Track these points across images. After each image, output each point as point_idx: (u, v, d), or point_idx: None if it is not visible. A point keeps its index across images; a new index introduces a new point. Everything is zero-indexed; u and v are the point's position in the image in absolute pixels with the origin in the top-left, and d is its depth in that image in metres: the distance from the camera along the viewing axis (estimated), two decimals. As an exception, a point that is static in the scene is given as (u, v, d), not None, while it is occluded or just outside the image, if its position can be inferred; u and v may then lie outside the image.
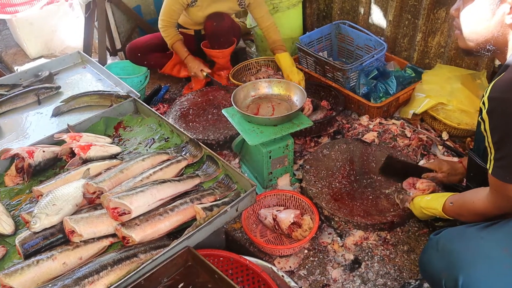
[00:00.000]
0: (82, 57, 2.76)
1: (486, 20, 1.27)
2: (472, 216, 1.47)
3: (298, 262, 1.81)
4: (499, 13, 1.24)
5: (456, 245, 1.30)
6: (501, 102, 1.17)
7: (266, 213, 1.92)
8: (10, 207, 1.68)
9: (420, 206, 1.74)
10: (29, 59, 3.90)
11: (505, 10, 1.22)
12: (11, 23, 3.91)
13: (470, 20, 1.32)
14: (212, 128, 2.45)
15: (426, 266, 1.40)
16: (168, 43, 2.81)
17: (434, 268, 1.35)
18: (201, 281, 1.39)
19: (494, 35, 1.29)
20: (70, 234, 1.42)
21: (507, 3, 1.22)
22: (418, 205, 1.76)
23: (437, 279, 1.33)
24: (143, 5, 3.48)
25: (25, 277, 1.31)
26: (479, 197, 1.42)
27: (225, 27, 2.73)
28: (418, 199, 1.78)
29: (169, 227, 1.48)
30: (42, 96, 2.35)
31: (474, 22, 1.31)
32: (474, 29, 1.32)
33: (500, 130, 1.20)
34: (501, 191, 1.28)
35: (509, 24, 1.24)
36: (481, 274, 1.19)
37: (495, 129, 1.21)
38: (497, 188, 1.30)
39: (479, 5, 1.27)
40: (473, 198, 1.45)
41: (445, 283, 1.28)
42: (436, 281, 1.34)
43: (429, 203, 1.69)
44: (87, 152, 1.80)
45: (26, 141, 2.08)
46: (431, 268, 1.37)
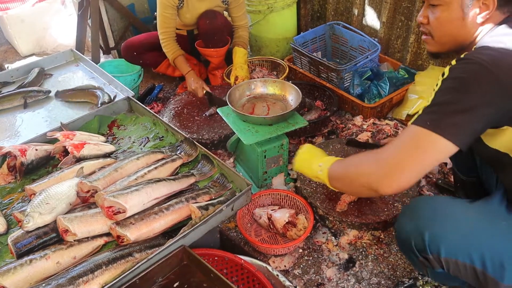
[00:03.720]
0: (75, 55, 2.74)
1: (459, 21, 1.30)
2: (357, 186, 1.30)
3: (293, 261, 1.81)
4: (471, 13, 1.27)
5: (422, 208, 1.31)
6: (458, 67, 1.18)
7: (261, 212, 1.92)
8: (2, 206, 1.66)
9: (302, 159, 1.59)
10: (20, 57, 3.87)
11: (476, 10, 1.27)
12: (1, 20, 3.86)
13: (443, 24, 1.34)
14: (207, 128, 2.44)
15: (400, 235, 1.40)
16: (170, 58, 2.79)
17: (405, 234, 1.35)
18: (197, 280, 1.38)
19: (465, 35, 1.32)
20: (64, 233, 1.41)
21: (476, 1, 1.25)
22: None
23: (408, 244, 1.34)
24: (136, 3, 3.46)
25: (18, 276, 1.29)
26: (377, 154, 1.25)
27: (218, 25, 2.72)
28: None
29: (164, 226, 1.47)
30: (30, 99, 2.30)
31: (447, 25, 1.33)
32: (447, 32, 1.35)
33: (445, 87, 1.18)
34: (413, 145, 1.16)
35: (480, 23, 1.28)
36: (445, 229, 1.23)
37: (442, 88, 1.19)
38: (415, 142, 1.16)
39: (451, 9, 1.30)
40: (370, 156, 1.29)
41: (414, 244, 1.30)
42: (408, 247, 1.35)
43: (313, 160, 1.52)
44: (81, 150, 1.78)
45: (18, 139, 2.05)
46: (403, 235, 1.37)
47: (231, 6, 2.80)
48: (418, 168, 1.18)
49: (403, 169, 1.17)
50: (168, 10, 2.67)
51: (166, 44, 2.75)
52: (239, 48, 2.82)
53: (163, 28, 2.72)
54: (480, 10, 1.26)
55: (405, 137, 1.21)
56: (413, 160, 1.16)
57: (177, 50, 2.77)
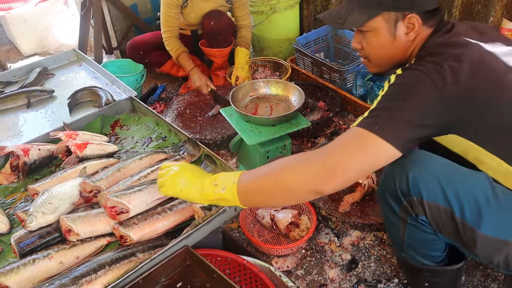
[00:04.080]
0: (78, 55, 2.74)
1: (390, 44, 1.34)
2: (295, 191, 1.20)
3: (296, 262, 1.81)
4: (399, 34, 1.31)
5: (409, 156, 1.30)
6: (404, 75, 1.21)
7: (264, 213, 1.92)
8: (4, 205, 1.66)
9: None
10: (23, 57, 3.87)
11: (404, 30, 1.30)
12: (4, 20, 3.87)
13: (375, 48, 1.37)
14: (209, 128, 2.44)
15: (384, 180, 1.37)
16: (173, 56, 2.80)
17: (390, 177, 1.34)
18: (200, 280, 1.38)
19: (400, 54, 1.36)
20: (67, 233, 1.41)
21: (401, 22, 1.29)
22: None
23: (393, 187, 1.32)
24: (139, 3, 3.47)
25: (21, 276, 1.29)
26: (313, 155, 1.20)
27: (223, 25, 2.72)
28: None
29: (167, 226, 1.47)
30: (34, 99, 2.30)
31: (380, 49, 1.37)
32: (381, 55, 1.38)
33: (391, 92, 1.20)
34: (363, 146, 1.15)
35: (411, 40, 1.32)
36: (428, 171, 1.27)
37: (388, 93, 1.20)
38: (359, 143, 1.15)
39: (379, 34, 1.33)
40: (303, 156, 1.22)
41: (399, 186, 1.30)
42: (390, 188, 1.34)
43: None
44: (84, 150, 1.78)
45: (21, 139, 2.05)
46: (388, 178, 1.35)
47: (235, 5, 2.81)
48: (362, 169, 1.18)
49: (348, 170, 1.16)
50: (172, 9, 2.67)
51: (169, 42, 2.75)
52: (241, 48, 2.82)
53: (166, 27, 2.73)
54: (407, 29, 1.29)
55: (349, 138, 1.19)
56: (358, 161, 1.16)
57: (180, 47, 2.77)
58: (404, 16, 1.28)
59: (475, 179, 1.27)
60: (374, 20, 1.30)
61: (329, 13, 1.41)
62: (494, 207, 1.22)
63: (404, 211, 1.34)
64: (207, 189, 1.29)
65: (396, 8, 1.27)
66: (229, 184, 1.26)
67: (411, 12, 1.27)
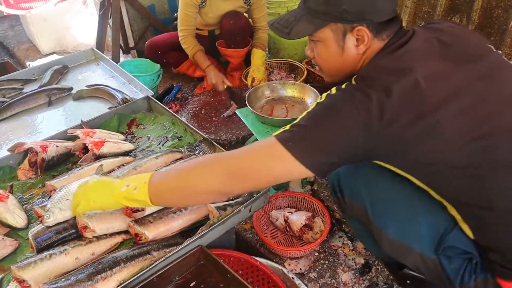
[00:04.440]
0: (96, 54, 2.77)
1: (339, 56, 1.27)
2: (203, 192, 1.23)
3: (309, 264, 1.80)
4: (348, 46, 1.24)
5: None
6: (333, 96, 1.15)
7: (278, 214, 1.92)
8: (22, 200, 1.68)
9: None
10: (41, 55, 3.92)
11: (353, 43, 1.23)
12: (24, 19, 3.94)
13: (325, 59, 1.31)
14: (224, 128, 2.45)
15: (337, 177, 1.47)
16: (189, 54, 2.82)
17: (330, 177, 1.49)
18: (213, 280, 1.38)
19: (351, 67, 1.29)
20: (83, 230, 1.42)
21: (350, 34, 1.22)
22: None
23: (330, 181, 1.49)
24: (157, 4, 3.49)
25: (38, 270, 1.30)
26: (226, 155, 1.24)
27: (242, 26, 2.74)
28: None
29: (182, 225, 1.48)
30: (54, 97, 2.34)
31: (329, 60, 1.30)
32: (331, 66, 1.33)
33: (315, 112, 1.15)
34: (272, 157, 1.14)
35: (362, 53, 1.24)
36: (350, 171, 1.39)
37: (313, 111, 1.16)
38: (272, 156, 1.14)
39: (328, 45, 1.26)
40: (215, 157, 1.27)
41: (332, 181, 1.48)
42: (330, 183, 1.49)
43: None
44: (101, 148, 1.80)
45: (39, 136, 2.08)
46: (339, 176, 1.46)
47: (253, 7, 2.82)
48: (270, 179, 1.20)
49: (255, 178, 1.18)
50: (190, 9, 2.69)
51: (185, 40, 2.78)
52: (258, 50, 2.82)
53: (184, 25, 2.75)
54: (357, 41, 1.22)
55: (263, 147, 1.19)
56: (266, 171, 1.17)
57: (196, 45, 2.80)
58: (352, 28, 1.20)
59: (391, 183, 1.29)
60: (321, 30, 1.23)
61: (278, 20, 1.32)
62: (399, 207, 1.28)
63: (339, 205, 1.49)
64: (119, 190, 1.29)
65: (343, 19, 1.19)
66: (140, 184, 1.27)
67: (360, 24, 1.19)
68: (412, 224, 1.27)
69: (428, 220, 1.26)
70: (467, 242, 1.22)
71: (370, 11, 1.17)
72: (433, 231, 1.25)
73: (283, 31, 1.28)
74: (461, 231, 1.23)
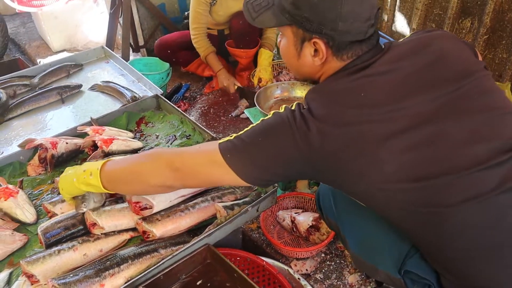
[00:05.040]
0: (106, 52, 2.79)
1: (295, 59, 1.22)
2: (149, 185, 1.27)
3: (315, 265, 1.80)
4: (305, 53, 1.18)
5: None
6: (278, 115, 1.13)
7: (285, 215, 1.92)
8: (32, 196, 1.70)
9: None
10: (52, 52, 3.95)
11: (310, 52, 1.16)
12: (36, 16, 3.97)
13: (283, 55, 1.27)
14: (233, 128, 2.46)
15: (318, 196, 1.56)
16: (201, 55, 2.83)
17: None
18: (219, 279, 1.38)
19: (307, 73, 1.25)
20: (92, 227, 1.43)
21: (308, 43, 1.16)
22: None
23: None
24: (167, 3, 3.51)
25: (47, 266, 1.32)
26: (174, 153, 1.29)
27: (251, 26, 2.73)
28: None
29: (189, 224, 1.49)
30: (65, 94, 2.36)
31: (286, 58, 1.26)
32: (289, 64, 1.28)
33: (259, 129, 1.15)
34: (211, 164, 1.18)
35: (319, 66, 1.18)
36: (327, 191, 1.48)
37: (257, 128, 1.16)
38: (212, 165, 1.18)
39: (288, 43, 1.21)
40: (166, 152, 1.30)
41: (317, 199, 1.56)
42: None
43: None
44: (110, 145, 1.81)
45: (49, 132, 2.10)
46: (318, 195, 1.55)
47: None
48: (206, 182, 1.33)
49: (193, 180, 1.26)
50: (201, 6, 2.71)
51: (197, 40, 2.79)
52: (265, 50, 2.83)
53: (195, 23, 2.76)
54: (314, 53, 1.16)
55: (207, 153, 1.21)
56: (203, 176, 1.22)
57: (209, 47, 2.81)
58: (311, 37, 1.14)
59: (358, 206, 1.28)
60: (284, 28, 1.19)
61: (253, 1, 1.24)
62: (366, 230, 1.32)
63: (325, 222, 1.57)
64: (78, 176, 1.34)
65: (303, 27, 1.13)
66: (94, 169, 1.31)
67: (318, 37, 1.12)
68: (377, 246, 1.31)
69: (392, 242, 1.28)
70: (426, 268, 1.22)
71: (332, 28, 1.10)
72: (397, 253, 1.26)
73: (250, 15, 1.24)
74: (422, 257, 1.23)
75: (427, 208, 1.06)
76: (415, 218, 1.11)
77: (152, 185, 1.27)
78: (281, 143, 1.09)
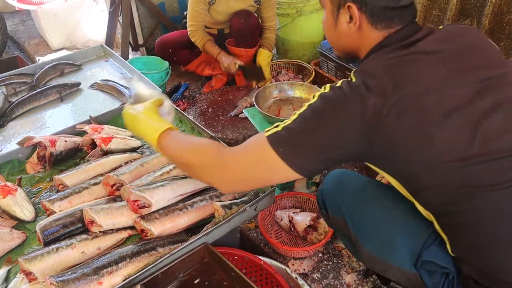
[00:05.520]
0: (105, 51, 2.79)
1: (333, 28, 1.24)
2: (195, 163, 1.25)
3: (312, 265, 1.81)
4: (341, 21, 1.20)
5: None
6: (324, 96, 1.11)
7: (282, 214, 1.92)
8: (30, 194, 1.70)
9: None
10: (51, 50, 3.95)
11: (345, 19, 1.18)
12: (35, 14, 3.97)
13: (324, 28, 1.30)
14: (231, 128, 2.46)
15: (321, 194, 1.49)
16: (199, 46, 2.85)
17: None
18: (217, 278, 1.39)
19: (345, 43, 1.26)
20: (90, 224, 1.44)
21: (343, 9, 1.18)
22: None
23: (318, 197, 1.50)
24: (167, 2, 3.52)
25: (45, 263, 1.32)
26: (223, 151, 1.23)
27: (252, 25, 2.75)
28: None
29: (187, 223, 1.49)
30: (64, 93, 2.36)
31: (326, 31, 1.29)
32: (329, 37, 1.31)
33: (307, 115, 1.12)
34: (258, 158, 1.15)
35: (354, 33, 1.20)
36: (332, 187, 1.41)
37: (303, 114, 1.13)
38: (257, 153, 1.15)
39: (327, 15, 1.25)
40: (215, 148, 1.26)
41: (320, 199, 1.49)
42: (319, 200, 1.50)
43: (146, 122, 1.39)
44: (108, 144, 1.81)
45: (48, 130, 2.10)
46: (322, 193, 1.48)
47: (263, 6, 2.83)
48: (254, 183, 1.26)
49: (243, 180, 1.21)
50: (200, 5, 2.72)
51: (194, 34, 2.81)
52: (264, 50, 2.84)
53: (193, 21, 2.78)
54: (349, 20, 1.18)
55: (254, 149, 1.17)
56: (252, 175, 1.19)
57: (206, 36, 2.83)
58: (345, 3, 1.15)
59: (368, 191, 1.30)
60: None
61: None
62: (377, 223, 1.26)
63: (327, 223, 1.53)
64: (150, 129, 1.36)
65: None
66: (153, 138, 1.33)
67: (352, 2, 1.14)
68: (390, 239, 1.26)
69: (407, 234, 1.24)
70: (444, 257, 1.20)
71: None
72: (412, 245, 1.23)
73: None
74: (440, 245, 1.21)
75: (465, 188, 1.07)
76: (450, 199, 1.10)
77: (201, 178, 1.28)
78: (337, 123, 1.07)
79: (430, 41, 1.13)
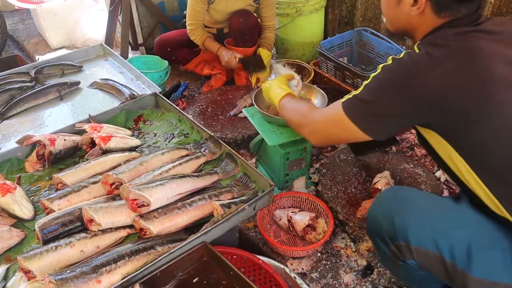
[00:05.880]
0: (105, 50, 2.79)
1: (394, 6, 1.33)
2: (295, 121, 1.61)
3: (311, 264, 1.81)
4: (405, 2, 1.28)
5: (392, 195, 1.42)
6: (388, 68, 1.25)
7: (281, 214, 1.93)
8: (29, 192, 1.70)
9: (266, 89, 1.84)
10: (51, 49, 3.95)
11: (410, 1, 1.27)
12: (35, 13, 3.97)
13: (384, 6, 1.40)
14: (230, 127, 2.46)
15: (371, 222, 1.43)
16: (199, 43, 2.86)
17: (375, 220, 1.40)
18: (216, 277, 1.39)
19: (404, 23, 1.34)
20: (89, 223, 1.44)
21: None
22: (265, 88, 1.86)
23: (379, 230, 1.38)
24: (167, 1, 3.52)
25: (44, 261, 1.32)
26: (313, 113, 1.52)
27: (251, 25, 2.76)
28: (266, 84, 1.87)
29: (186, 222, 1.49)
30: (64, 91, 2.36)
31: (386, 7, 1.39)
32: (387, 13, 1.40)
33: (371, 86, 1.28)
34: (336, 122, 1.38)
35: (415, 16, 1.29)
36: (413, 215, 1.30)
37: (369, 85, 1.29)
38: (335, 118, 1.38)
39: None
40: (308, 110, 1.56)
41: (385, 230, 1.35)
42: (379, 233, 1.38)
43: (272, 89, 1.80)
44: (107, 143, 1.81)
45: (47, 129, 2.10)
46: (374, 221, 1.41)
47: (262, 5, 2.84)
48: (334, 140, 1.83)
49: (325, 137, 1.51)
50: (199, 4, 2.72)
51: (193, 32, 2.82)
52: (263, 50, 2.83)
53: (192, 20, 2.79)
54: (414, 3, 1.26)
55: (331, 113, 1.41)
56: (332, 134, 1.46)
57: (205, 33, 2.85)
58: None
59: (462, 216, 1.26)
60: None
61: None
62: (482, 246, 1.20)
63: (393, 254, 1.36)
64: (272, 95, 1.78)
65: None
66: (276, 101, 1.74)
67: None
68: (494, 257, 1.21)
69: (507, 248, 1.21)
70: None
71: None
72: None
73: None
74: None
75: None
76: None
77: (298, 133, 1.63)
78: (398, 93, 1.21)
79: (490, 24, 1.24)
